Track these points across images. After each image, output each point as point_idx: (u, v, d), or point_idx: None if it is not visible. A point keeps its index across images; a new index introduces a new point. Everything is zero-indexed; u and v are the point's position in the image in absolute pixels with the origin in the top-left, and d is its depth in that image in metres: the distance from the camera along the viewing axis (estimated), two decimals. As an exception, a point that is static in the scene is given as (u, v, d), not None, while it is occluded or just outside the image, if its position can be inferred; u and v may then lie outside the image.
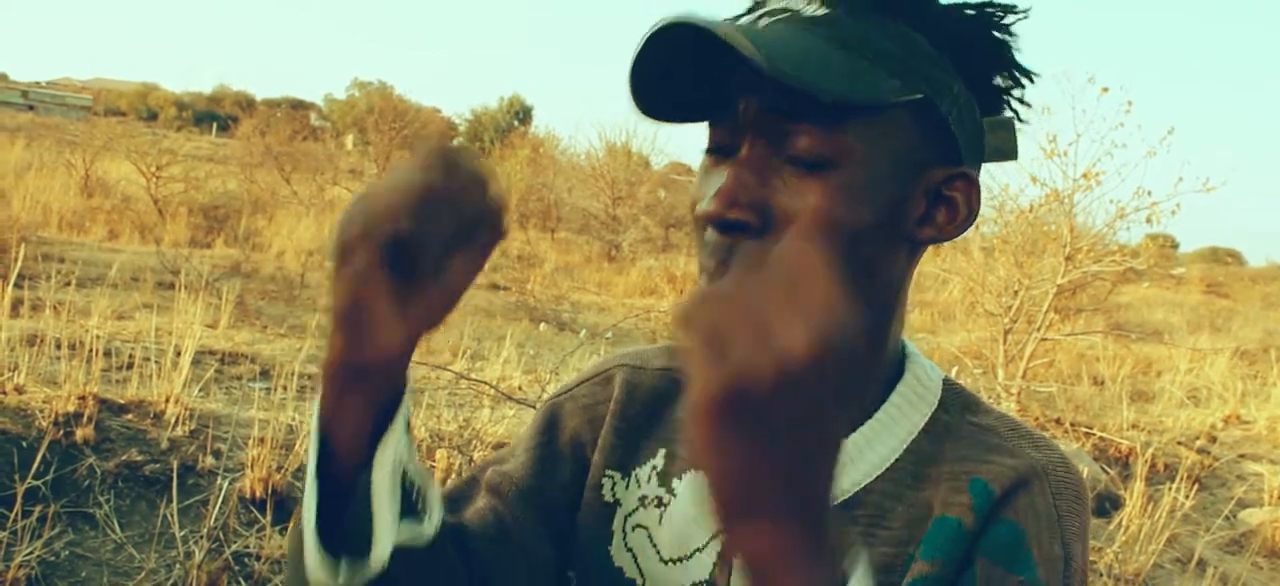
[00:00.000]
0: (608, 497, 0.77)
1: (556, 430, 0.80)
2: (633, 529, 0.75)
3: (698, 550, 0.72)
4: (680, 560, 0.73)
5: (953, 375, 1.15)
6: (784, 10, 0.65)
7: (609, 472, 0.77)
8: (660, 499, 0.75)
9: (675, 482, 0.75)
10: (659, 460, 0.77)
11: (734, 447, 0.41)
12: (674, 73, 0.64)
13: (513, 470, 0.78)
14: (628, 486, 0.77)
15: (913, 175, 0.65)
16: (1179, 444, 5.80)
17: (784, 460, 0.42)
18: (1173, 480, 4.94)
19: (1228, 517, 4.91)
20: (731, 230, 0.64)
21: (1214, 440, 6.21)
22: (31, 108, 33.07)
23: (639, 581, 0.74)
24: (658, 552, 0.74)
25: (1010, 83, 0.70)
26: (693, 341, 0.41)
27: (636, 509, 0.76)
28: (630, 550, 0.75)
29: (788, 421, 0.41)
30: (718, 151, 0.67)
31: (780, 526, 0.43)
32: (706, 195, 0.65)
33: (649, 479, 0.76)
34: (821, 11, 0.65)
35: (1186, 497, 4.62)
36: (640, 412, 0.78)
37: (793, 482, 0.42)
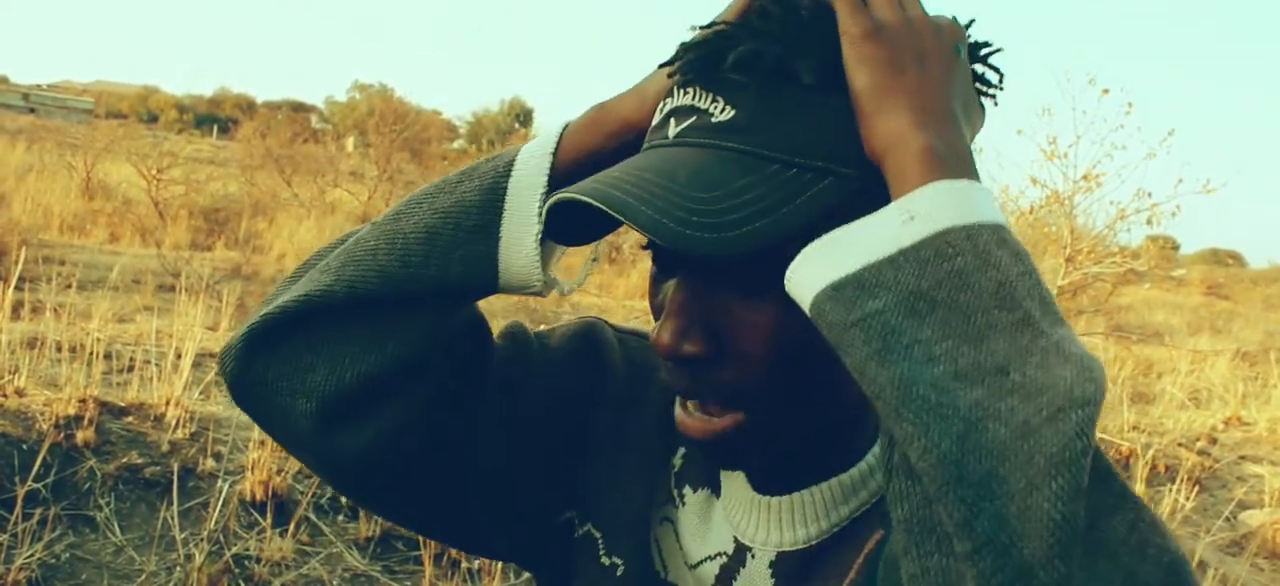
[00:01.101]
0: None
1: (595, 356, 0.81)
2: (660, 522, 0.75)
3: (698, 563, 0.72)
4: (690, 568, 0.73)
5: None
6: (694, 113, 0.58)
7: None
8: (673, 499, 0.75)
9: (686, 489, 0.74)
10: (677, 459, 0.76)
11: (874, 60, 0.55)
12: (588, 218, 0.59)
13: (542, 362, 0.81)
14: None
15: None
16: (1179, 445, 5.79)
17: (914, 78, 0.55)
18: (1173, 482, 4.94)
19: (1228, 519, 4.91)
20: (687, 363, 0.61)
21: (1214, 442, 6.20)
22: (33, 110, 33.04)
23: (662, 574, 0.74)
24: (680, 548, 0.73)
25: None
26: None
27: (663, 503, 0.75)
28: (657, 541, 0.75)
29: (914, 53, 0.56)
30: (656, 261, 0.65)
31: (909, 119, 0.54)
32: (658, 319, 0.62)
33: (670, 476, 0.76)
34: (730, 115, 0.57)
35: (1187, 499, 4.62)
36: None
37: (920, 96, 0.55)
